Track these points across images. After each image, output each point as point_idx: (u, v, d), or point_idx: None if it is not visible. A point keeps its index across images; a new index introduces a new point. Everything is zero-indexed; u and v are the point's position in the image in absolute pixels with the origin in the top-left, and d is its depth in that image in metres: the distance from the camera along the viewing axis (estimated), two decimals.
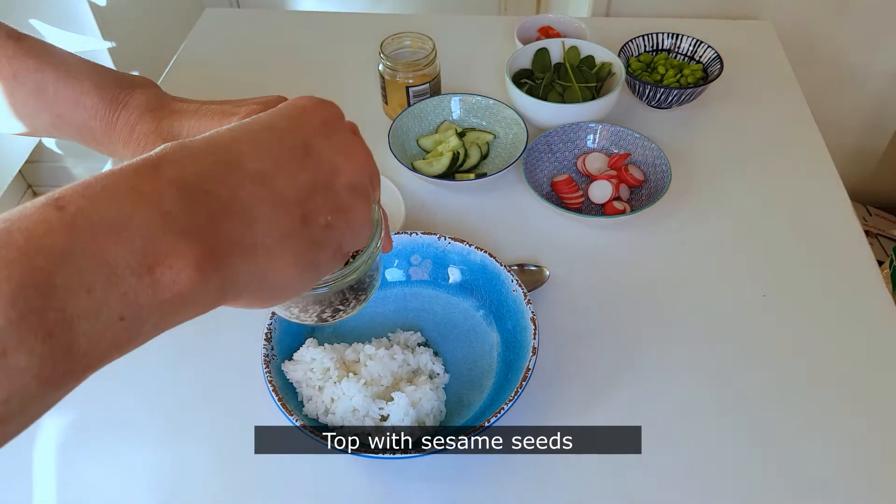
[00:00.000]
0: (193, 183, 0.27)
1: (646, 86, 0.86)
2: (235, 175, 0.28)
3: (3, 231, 0.23)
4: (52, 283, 0.23)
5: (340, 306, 0.42)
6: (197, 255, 0.26)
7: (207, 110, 0.44)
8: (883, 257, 1.29)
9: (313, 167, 0.31)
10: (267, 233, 0.29)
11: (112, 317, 0.24)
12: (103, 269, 0.24)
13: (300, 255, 0.30)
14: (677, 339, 0.66)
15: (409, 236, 0.67)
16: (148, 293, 0.25)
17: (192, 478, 0.58)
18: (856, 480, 0.56)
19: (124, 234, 0.25)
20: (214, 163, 0.28)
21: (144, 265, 0.25)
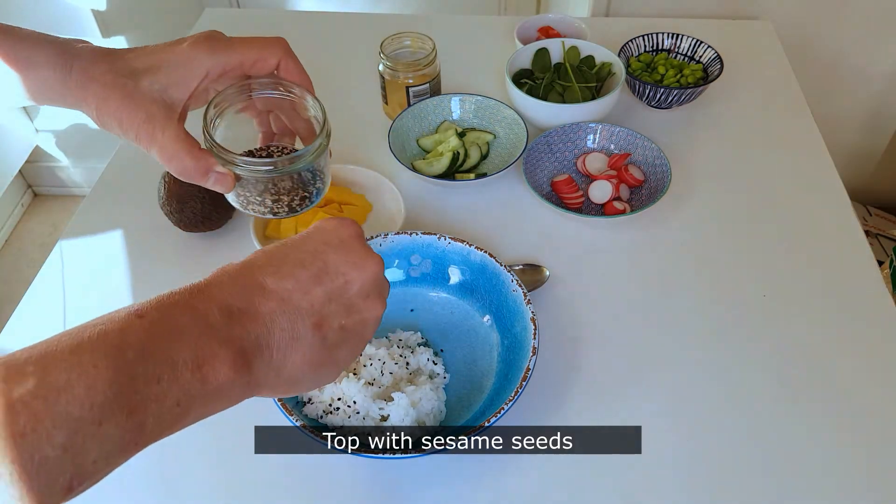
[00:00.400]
0: (231, 303, 0.36)
1: (646, 86, 0.86)
2: (261, 295, 0.37)
3: (102, 332, 0.31)
4: (135, 373, 0.30)
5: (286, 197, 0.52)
6: (232, 357, 0.34)
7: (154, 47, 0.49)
8: (883, 257, 1.29)
9: (328, 282, 0.39)
10: (282, 337, 0.37)
11: (172, 402, 0.32)
12: (168, 365, 0.32)
13: (312, 353, 0.38)
14: (677, 338, 0.66)
15: (409, 236, 0.67)
16: (197, 385, 0.33)
17: (193, 478, 0.58)
18: (856, 480, 0.56)
19: (184, 338, 0.33)
20: (245, 286, 0.37)
21: (196, 363, 0.33)
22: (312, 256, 0.39)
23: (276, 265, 0.38)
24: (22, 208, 1.94)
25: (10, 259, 1.84)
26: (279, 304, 0.37)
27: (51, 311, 0.70)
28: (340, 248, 0.40)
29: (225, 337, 0.34)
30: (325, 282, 0.39)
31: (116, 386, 0.30)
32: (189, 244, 0.75)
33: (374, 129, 0.88)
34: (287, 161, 0.49)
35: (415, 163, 0.82)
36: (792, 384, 0.63)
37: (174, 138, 0.47)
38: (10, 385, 0.28)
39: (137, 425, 0.31)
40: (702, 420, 0.60)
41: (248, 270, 0.38)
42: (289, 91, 0.52)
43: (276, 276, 0.38)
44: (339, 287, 0.39)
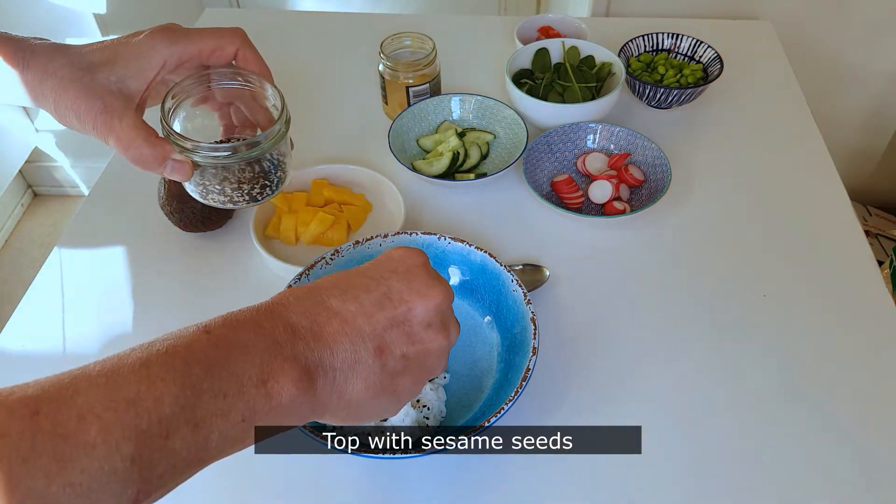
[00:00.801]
0: (296, 322, 0.36)
1: (646, 86, 0.86)
2: (325, 316, 0.37)
3: (170, 346, 0.32)
4: (201, 388, 0.31)
5: (248, 186, 0.52)
6: (296, 374, 0.35)
7: (112, 40, 0.50)
8: (883, 257, 1.29)
9: (391, 308, 0.39)
10: (344, 359, 0.37)
11: (237, 417, 0.32)
12: (234, 380, 0.32)
13: (372, 379, 0.38)
14: (677, 338, 0.66)
15: (409, 236, 0.67)
16: (262, 401, 0.33)
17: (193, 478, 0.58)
18: (856, 480, 0.56)
19: (249, 354, 0.34)
20: (310, 306, 0.38)
21: (261, 379, 0.33)
22: (377, 282, 0.40)
23: (342, 288, 0.39)
24: (22, 208, 1.94)
25: (10, 259, 1.84)
26: (342, 325, 0.37)
27: (51, 311, 0.70)
28: (405, 276, 0.41)
29: (289, 354, 0.35)
30: (388, 307, 0.39)
31: (183, 399, 0.30)
32: (189, 244, 0.75)
33: (374, 129, 0.88)
34: (245, 146, 0.49)
35: (415, 163, 0.82)
36: (792, 384, 0.63)
37: (131, 126, 0.47)
38: (83, 396, 0.28)
39: (203, 440, 0.31)
40: (702, 420, 0.60)
41: (315, 292, 0.39)
42: (247, 80, 0.52)
43: (341, 299, 0.38)
44: (402, 314, 0.39)
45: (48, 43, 0.49)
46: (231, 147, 0.49)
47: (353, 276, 0.40)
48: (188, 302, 0.70)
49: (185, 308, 0.69)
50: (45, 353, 0.67)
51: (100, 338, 0.68)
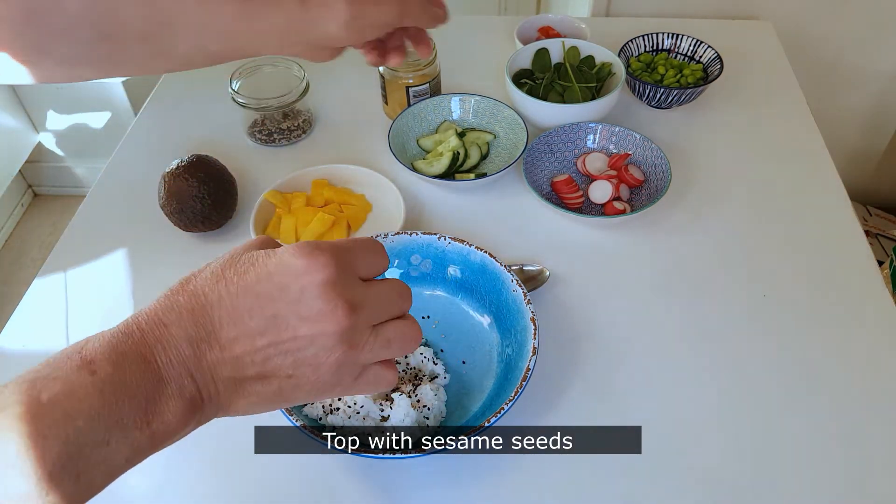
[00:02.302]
0: (181, 352, 0.35)
1: (646, 86, 0.86)
2: (208, 342, 0.35)
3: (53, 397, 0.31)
4: (84, 441, 0.31)
5: None
6: (181, 408, 0.34)
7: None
8: (883, 257, 1.29)
9: (275, 335, 0.36)
10: (226, 387, 0.36)
11: (121, 460, 0.32)
12: (118, 427, 0.32)
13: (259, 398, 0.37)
14: (677, 338, 0.66)
15: (409, 236, 0.67)
16: (146, 440, 0.33)
17: (193, 478, 0.58)
18: (856, 480, 0.56)
19: (135, 398, 0.33)
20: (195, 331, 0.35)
21: (145, 421, 0.33)
22: (263, 305, 0.36)
23: (228, 309, 0.35)
24: (22, 208, 1.94)
25: (10, 259, 1.84)
26: (222, 352, 0.35)
27: (51, 312, 0.70)
28: (296, 300, 0.36)
29: (175, 391, 0.34)
30: (271, 334, 0.36)
31: (65, 456, 0.30)
32: (189, 244, 0.75)
33: (374, 129, 0.88)
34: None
35: (415, 163, 0.82)
36: (792, 384, 0.63)
37: None
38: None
39: (86, 485, 0.31)
40: (702, 420, 0.60)
41: (202, 310, 0.35)
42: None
43: (227, 322, 0.35)
44: (287, 341, 0.36)
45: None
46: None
47: (241, 291, 0.36)
48: None
49: None
50: (45, 353, 0.66)
51: None
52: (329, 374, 0.38)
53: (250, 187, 0.80)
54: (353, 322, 0.37)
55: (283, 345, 0.36)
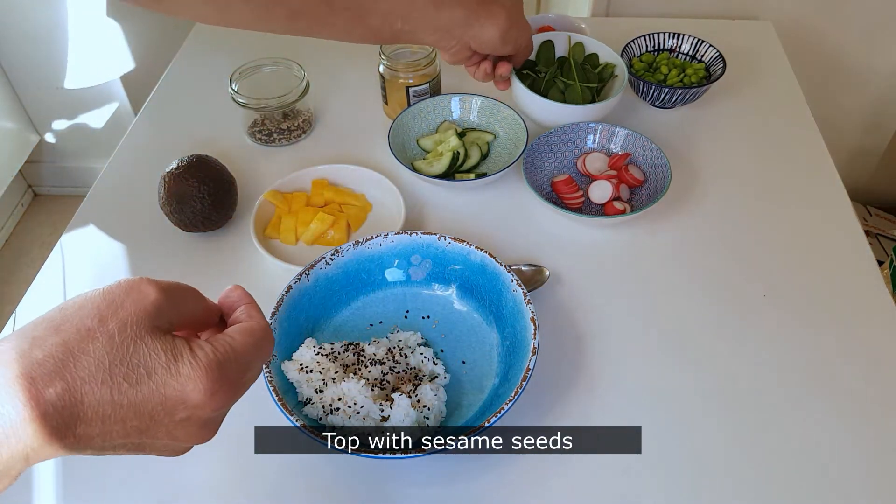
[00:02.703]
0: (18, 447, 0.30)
1: (649, 86, 0.86)
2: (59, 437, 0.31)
3: None
4: None
5: None
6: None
7: None
8: (883, 257, 1.29)
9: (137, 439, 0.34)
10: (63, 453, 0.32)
11: None
12: None
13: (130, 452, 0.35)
14: (677, 338, 0.66)
15: (409, 236, 0.67)
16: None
17: (193, 478, 0.58)
18: (856, 480, 0.56)
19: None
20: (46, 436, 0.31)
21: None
22: (141, 424, 0.33)
23: (102, 417, 0.32)
24: (22, 208, 1.94)
25: (10, 259, 1.84)
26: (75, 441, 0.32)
27: None
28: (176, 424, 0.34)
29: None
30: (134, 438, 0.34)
31: None
32: (189, 244, 0.75)
33: (374, 129, 0.88)
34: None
35: (415, 163, 0.82)
36: (792, 384, 0.63)
37: None
38: None
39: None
40: (702, 420, 0.60)
41: (70, 411, 0.31)
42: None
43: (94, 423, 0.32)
44: (148, 445, 0.35)
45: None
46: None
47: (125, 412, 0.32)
48: None
49: None
50: None
51: None
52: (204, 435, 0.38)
53: (250, 187, 0.80)
54: (212, 435, 0.38)
55: (142, 446, 0.35)
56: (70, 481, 0.58)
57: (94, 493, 0.58)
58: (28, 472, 0.58)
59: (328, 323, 0.66)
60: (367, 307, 0.68)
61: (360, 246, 0.67)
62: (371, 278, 0.68)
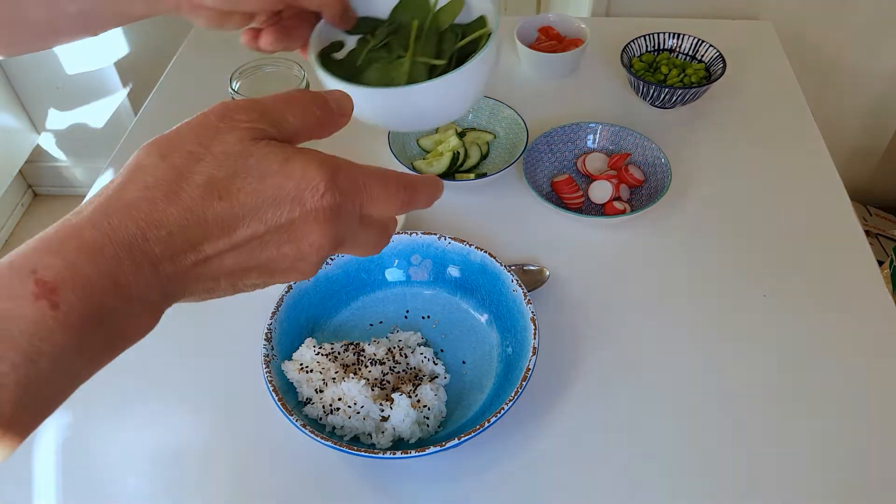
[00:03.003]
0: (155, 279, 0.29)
1: (649, 86, 0.86)
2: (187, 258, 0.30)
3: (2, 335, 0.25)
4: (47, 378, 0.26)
5: None
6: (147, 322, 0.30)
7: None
8: (883, 257, 1.29)
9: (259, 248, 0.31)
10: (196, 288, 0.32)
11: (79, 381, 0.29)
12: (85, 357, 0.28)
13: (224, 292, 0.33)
14: (678, 338, 0.66)
15: (409, 236, 0.67)
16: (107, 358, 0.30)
17: (192, 477, 0.58)
18: (857, 480, 0.56)
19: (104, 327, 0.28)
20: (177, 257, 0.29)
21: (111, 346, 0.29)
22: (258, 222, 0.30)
23: (221, 226, 0.30)
24: (22, 208, 1.94)
25: None
26: (205, 263, 0.30)
27: None
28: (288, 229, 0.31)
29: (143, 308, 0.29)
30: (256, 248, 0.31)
31: (25, 399, 0.26)
32: None
33: (375, 130, 0.88)
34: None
35: (415, 163, 0.82)
36: (792, 383, 0.63)
37: None
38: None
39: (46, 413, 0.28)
40: (702, 420, 0.60)
41: (196, 229, 0.29)
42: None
43: (216, 237, 0.30)
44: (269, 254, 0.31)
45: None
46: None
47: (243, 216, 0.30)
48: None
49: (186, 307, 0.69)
50: None
51: None
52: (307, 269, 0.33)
53: None
54: (329, 254, 0.33)
55: (267, 260, 0.31)
56: (71, 478, 0.58)
57: (93, 492, 0.58)
58: (28, 474, 0.58)
59: (328, 323, 0.66)
60: (367, 307, 0.68)
61: None
62: (371, 278, 0.68)
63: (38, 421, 0.27)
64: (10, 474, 0.58)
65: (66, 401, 0.28)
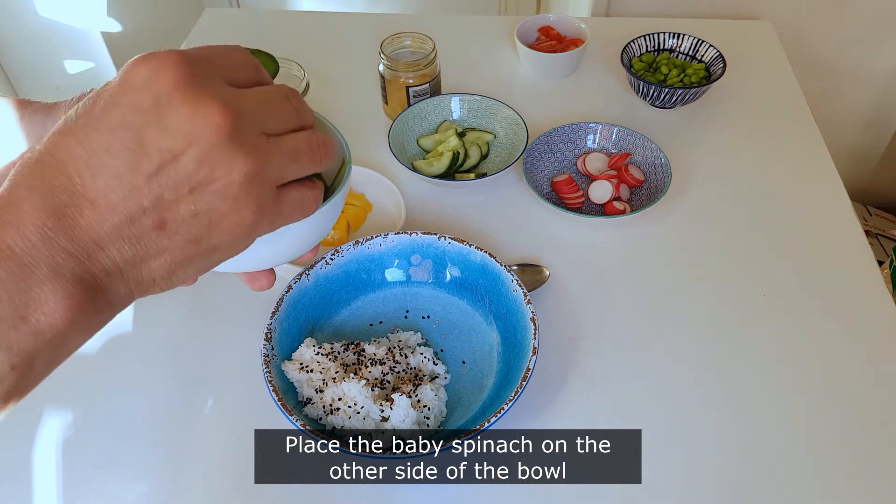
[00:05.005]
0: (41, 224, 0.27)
1: (649, 86, 0.86)
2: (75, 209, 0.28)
3: None
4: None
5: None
6: (64, 292, 0.28)
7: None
8: (883, 257, 1.29)
9: (150, 163, 0.28)
10: (119, 249, 0.29)
11: (4, 368, 0.27)
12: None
13: (172, 256, 0.30)
14: (677, 338, 0.66)
15: (409, 236, 0.67)
16: (30, 339, 0.27)
17: (192, 477, 0.58)
18: (857, 480, 0.56)
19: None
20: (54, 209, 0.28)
21: (19, 316, 0.27)
22: (121, 136, 0.28)
23: (84, 157, 0.28)
24: None
25: None
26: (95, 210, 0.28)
27: None
28: (155, 114, 0.28)
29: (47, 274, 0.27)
30: (145, 165, 0.28)
31: None
32: None
33: (374, 129, 0.88)
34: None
35: (415, 163, 0.82)
36: (792, 384, 0.63)
37: None
38: None
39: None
40: (702, 419, 0.60)
41: (54, 171, 0.28)
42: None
43: (87, 173, 0.28)
44: (167, 167, 0.29)
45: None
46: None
47: (92, 136, 0.28)
48: (188, 300, 0.70)
49: (186, 306, 0.69)
50: None
51: (99, 336, 0.68)
52: (241, 199, 0.30)
53: None
54: (232, 120, 0.29)
55: (164, 173, 0.29)
56: (71, 479, 0.58)
57: (94, 492, 0.58)
58: (27, 475, 0.58)
59: (328, 323, 0.66)
60: (367, 307, 0.68)
61: (360, 246, 0.67)
62: (371, 278, 0.68)
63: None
64: (10, 474, 0.58)
65: (66, 400, 0.28)
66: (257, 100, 0.31)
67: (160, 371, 0.64)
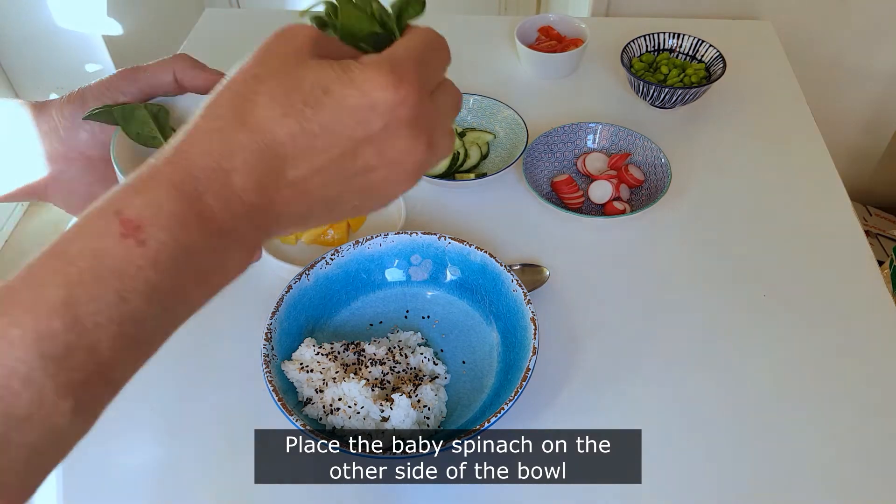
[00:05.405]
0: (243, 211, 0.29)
1: (649, 86, 0.86)
2: (275, 189, 0.30)
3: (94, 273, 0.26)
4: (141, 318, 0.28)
5: None
6: (243, 259, 0.30)
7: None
8: (883, 257, 1.29)
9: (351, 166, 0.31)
10: (291, 221, 0.31)
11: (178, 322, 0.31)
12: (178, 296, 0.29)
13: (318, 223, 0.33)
14: (678, 338, 0.66)
15: (409, 236, 0.67)
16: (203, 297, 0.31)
17: (192, 477, 0.58)
18: (858, 480, 0.56)
19: (194, 263, 0.28)
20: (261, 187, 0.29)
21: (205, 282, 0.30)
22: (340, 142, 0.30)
23: (302, 148, 0.30)
24: (22, 208, 1.94)
25: (10, 259, 1.84)
26: (292, 192, 0.30)
27: None
28: (378, 138, 0.30)
29: (235, 243, 0.29)
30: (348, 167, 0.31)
31: (121, 340, 0.27)
32: None
33: None
34: None
35: None
36: (791, 384, 0.63)
37: None
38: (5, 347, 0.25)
39: (144, 357, 0.30)
40: (702, 419, 0.60)
41: (271, 152, 0.29)
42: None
43: (298, 161, 0.30)
44: (361, 173, 0.31)
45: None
46: None
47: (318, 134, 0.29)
48: None
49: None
50: None
51: None
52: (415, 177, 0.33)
53: None
54: (429, 156, 0.32)
55: (357, 177, 0.31)
56: (70, 479, 0.58)
57: (94, 492, 0.58)
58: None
59: (328, 323, 0.66)
60: (367, 307, 0.68)
61: (360, 246, 0.67)
62: (371, 278, 0.68)
63: (138, 362, 0.29)
64: None
65: None
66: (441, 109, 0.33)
67: (160, 371, 0.64)
